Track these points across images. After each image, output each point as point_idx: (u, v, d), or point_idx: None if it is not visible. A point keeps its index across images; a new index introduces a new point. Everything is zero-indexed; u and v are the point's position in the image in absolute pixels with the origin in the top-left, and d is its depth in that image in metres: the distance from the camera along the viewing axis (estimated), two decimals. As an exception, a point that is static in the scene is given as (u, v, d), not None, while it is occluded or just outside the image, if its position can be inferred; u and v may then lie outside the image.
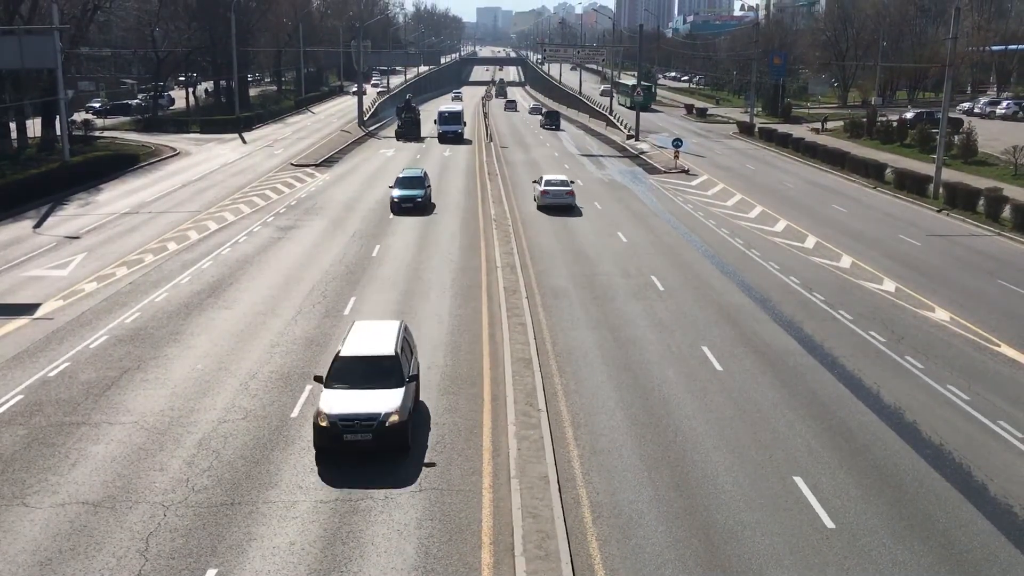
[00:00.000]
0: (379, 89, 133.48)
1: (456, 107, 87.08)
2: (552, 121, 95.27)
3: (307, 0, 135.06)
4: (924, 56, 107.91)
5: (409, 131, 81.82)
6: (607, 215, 44.48)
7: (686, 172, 60.32)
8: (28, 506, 15.65)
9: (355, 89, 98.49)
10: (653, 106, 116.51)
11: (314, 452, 17.52)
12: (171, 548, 14.40)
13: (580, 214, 44.04)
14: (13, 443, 18.07)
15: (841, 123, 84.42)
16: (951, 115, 65.44)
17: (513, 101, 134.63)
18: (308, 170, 59.59)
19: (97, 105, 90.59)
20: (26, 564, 13.98)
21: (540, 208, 45.02)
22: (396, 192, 44.43)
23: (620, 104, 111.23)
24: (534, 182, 48.60)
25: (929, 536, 15.16)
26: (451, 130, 78.54)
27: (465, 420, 19.40)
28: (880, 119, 77.74)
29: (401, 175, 47.21)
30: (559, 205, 44.71)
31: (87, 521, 15.18)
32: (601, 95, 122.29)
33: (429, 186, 47.01)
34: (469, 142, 77.88)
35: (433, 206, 45.58)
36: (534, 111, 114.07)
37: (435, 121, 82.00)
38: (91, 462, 17.26)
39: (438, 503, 15.89)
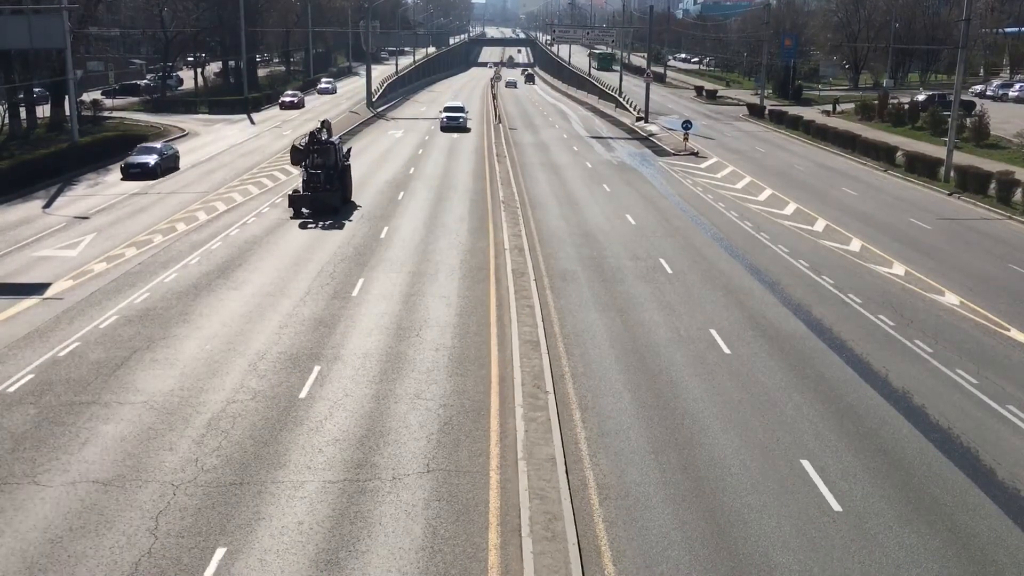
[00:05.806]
0: (287, 105, 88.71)
1: None
2: (528, 79, 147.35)
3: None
4: (936, 38, 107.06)
5: (317, 199, 38.15)
6: (616, 197, 44.38)
7: (695, 154, 60.07)
8: (39, 484, 15.76)
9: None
10: (662, 87, 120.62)
11: (322, 433, 17.77)
12: (180, 527, 14.50)
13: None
14: (24, 422, 18.19)
15: (852, 105, 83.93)
16: (963, 98, 65.00)
17: (526, 70, 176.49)
18: (317, 151, 59.40)
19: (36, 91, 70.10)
20: (37, 542, 14.09)
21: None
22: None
23: (594, 68, 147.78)
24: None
25: (936, 520, 15.16)
26: None
27: (472, 402, 19.44)
28: (891, 101, 77.21)
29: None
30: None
31: (97, 500, 15.29)
32: (589, 55, 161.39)
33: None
34: (470, 129, 77.10)
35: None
36: (521, 71, 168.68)
37: None
38: (101, 441, 17.37)
39: (445, 484, 15.95)
